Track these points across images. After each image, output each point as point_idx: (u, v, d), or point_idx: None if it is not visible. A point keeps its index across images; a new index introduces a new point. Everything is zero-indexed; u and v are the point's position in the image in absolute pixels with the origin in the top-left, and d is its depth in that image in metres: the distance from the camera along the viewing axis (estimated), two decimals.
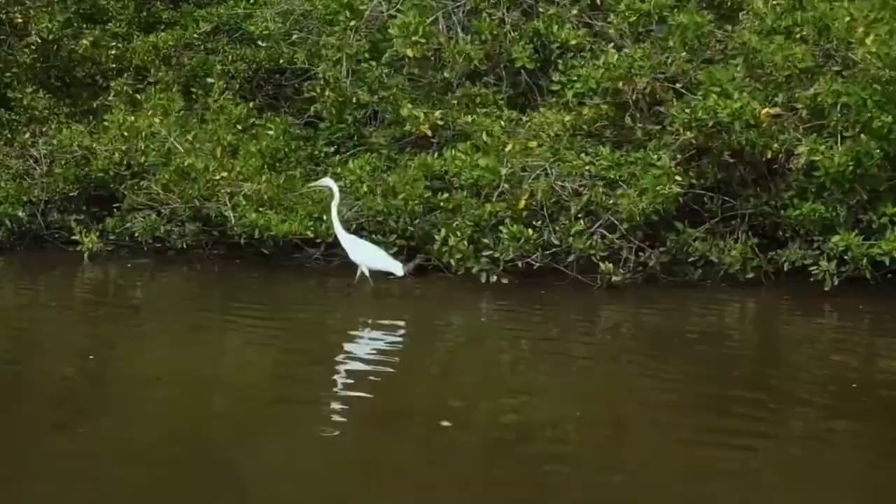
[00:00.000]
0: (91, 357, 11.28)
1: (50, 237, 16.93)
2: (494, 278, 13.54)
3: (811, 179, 13.22)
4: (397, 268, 13.61)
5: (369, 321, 12.73)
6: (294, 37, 16.89)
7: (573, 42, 14.27)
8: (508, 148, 13.88)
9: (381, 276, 13.76)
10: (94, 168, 16.41)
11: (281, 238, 14.72)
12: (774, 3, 13.73)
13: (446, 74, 15.05)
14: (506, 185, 13.69)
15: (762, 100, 13.22)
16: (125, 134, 16.23)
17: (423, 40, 14.84)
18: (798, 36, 13.33)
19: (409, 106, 14.86)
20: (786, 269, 13.41)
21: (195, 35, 17.89)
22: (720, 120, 13.05)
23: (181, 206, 15.46)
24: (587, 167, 13.58)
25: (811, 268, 13.05)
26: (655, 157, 13.42)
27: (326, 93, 15.82)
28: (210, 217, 15.40)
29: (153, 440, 8.70)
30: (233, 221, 14.93)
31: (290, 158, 15.95)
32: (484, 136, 14.15)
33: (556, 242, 13.52)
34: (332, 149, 16.19)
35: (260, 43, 17.20)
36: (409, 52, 14.92)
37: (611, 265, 13.32)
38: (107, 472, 8.01)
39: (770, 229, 13.76)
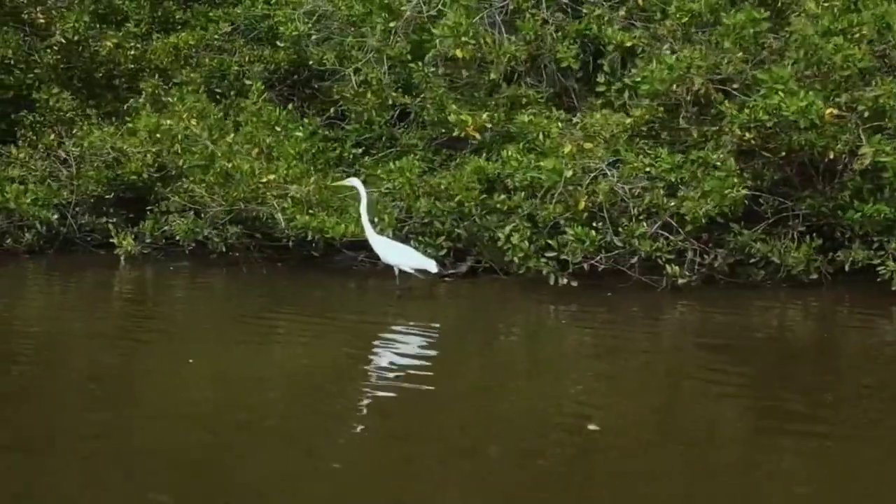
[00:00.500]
0: (125, 356, 11.30)
1: (81, 240, 16.75)
2: (564, 280, 13.50)
3: (867, 180, 13.31)
4: (431, 265, 13.56)
5: (428, 321, 12.79)
6: (313, 37, 16.81)
7: (628, 44, 14.24)
8: (567, 150, 13.85)
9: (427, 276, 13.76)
10: (126, 170, 16.26)
11: (339, 240, 14.60)
12: (827, 4, 13.77)
13: (493, 75, 14.99)
14: (569, 187, 13.65)
15: (822, 99, 13.26)
16: (157, 136, 16.08)
17: (472, 41, 14.81)
18: (857, 36, 13.36)
19: (454, 108, 14.81)
20: (847, 269, 13.44)
21: (216, 36, 17.78)
22: (785, 118, 13.04)
23: (225, 209, 15.31)
24: (648, 168, 13.58)
25: (879, 268, 13.12)
26: (715, 157, 13.45)
27: (368, 95, 15.78)
28: (258, 218, 15.28)
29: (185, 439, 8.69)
30: (282, 224, 14.81)
31: (318, 160, 15.87)
32: (541, 137, 14.12)
33: (619, 244, 13.50)
34: (360, 150, 16.15)
35: (279, 44, 17.09)
36: (459, 53, 14.89)
37: (677, 267, 13.34)
38: (127, 471, 8.00)
39: (828, 230, 13.81)
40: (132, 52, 17.66)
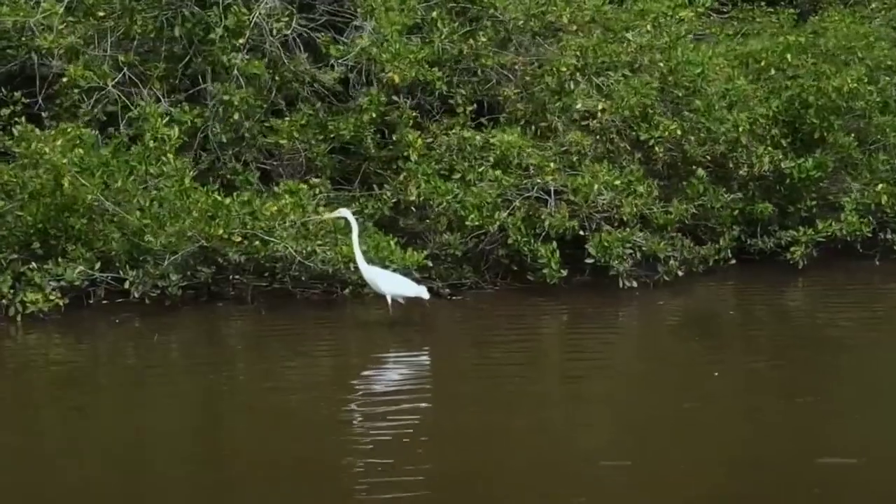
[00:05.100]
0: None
1: None
2: (633, 283, 15.07)
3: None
4: (423, 292, 13.79)
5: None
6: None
7: (563, 69, 15.75)
8: (551, 167, 15.17)
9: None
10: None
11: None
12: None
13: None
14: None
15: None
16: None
17: (406, 67, 15.31)
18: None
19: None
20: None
21: None
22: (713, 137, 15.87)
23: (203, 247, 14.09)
24: (616, 181, 15.39)
25: (790, 250, 16.14)
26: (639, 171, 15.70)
27: (236, 116, 15.26)
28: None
29: None
30: (297, 259, 14.17)
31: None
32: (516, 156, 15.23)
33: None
34: None
35: None
36: (397, 79, 15.24)
37: (675, 263, 15.41)
38: None
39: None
40: None
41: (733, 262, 16.15)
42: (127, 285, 13.91)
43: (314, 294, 14.70)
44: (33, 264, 13.86)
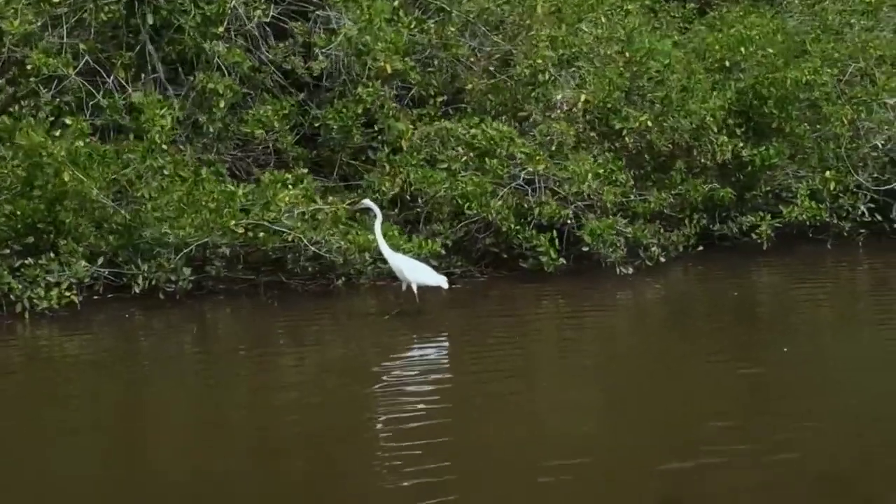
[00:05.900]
0: None
1: None
2: (630, 270, 15.34)
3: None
4: (443, 281, 13.81)
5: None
6: None
7: (539, 61, 15.91)
8: (539, 157, 15.32)
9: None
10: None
11: None
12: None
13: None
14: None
15: None
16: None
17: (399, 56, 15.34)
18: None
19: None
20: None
21: None
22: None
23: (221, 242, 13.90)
24: (599, 169, 15.64)
25: (756, 231, 16.56)
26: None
27: (220, 104, 15.06)
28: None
29: None
30: (311, 249, 14.04)
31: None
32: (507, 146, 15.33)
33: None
34: None
35: None
36: (388, 68, 15.22)
37: (658, 250, 15.72)
38: None
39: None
40: None
41: (700, 248, 16.46)
42: (140, 280, 13.59)
43: (314, 285, 14.55)
44: (29, 259, 13.39)
